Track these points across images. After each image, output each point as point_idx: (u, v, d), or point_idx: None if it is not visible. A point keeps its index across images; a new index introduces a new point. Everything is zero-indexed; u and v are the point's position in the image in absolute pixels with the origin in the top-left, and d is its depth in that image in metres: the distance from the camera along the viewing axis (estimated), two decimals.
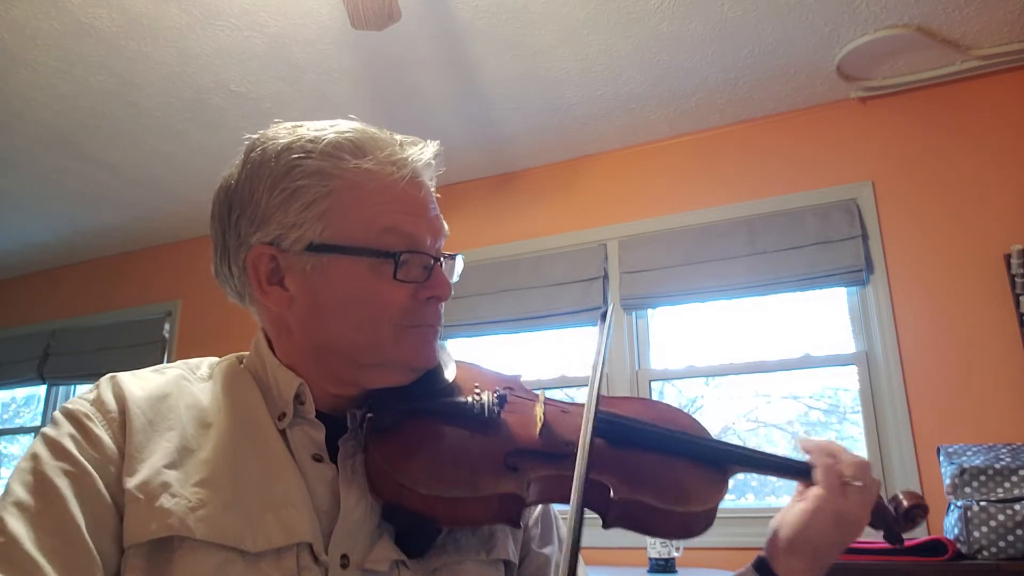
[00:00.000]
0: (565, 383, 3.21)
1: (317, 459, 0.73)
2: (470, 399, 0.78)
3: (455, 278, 0.81)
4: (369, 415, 0.74)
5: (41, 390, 4.55)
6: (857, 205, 2.76)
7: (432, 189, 0.80)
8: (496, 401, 0.78)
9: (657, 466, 0.81)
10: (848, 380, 2.82)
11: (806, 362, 2.83)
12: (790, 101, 2.91)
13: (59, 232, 4.18)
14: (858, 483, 0.80)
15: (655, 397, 3.07)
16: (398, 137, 0.79)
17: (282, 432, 0.73)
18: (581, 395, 3.22)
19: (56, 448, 0.65)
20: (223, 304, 0.79)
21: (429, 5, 2.35)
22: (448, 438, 0.76)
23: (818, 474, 0.81)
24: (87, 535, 0.62)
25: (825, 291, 2.83)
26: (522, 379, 0.90)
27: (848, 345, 2.76)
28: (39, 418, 4.51)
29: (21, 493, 0.62)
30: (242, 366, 0.80)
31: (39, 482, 0.63)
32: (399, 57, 2.62)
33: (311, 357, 0.76)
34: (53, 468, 0.64)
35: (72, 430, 0.67)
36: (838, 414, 2.95)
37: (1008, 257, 2.45)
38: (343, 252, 0.73)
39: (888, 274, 2.66)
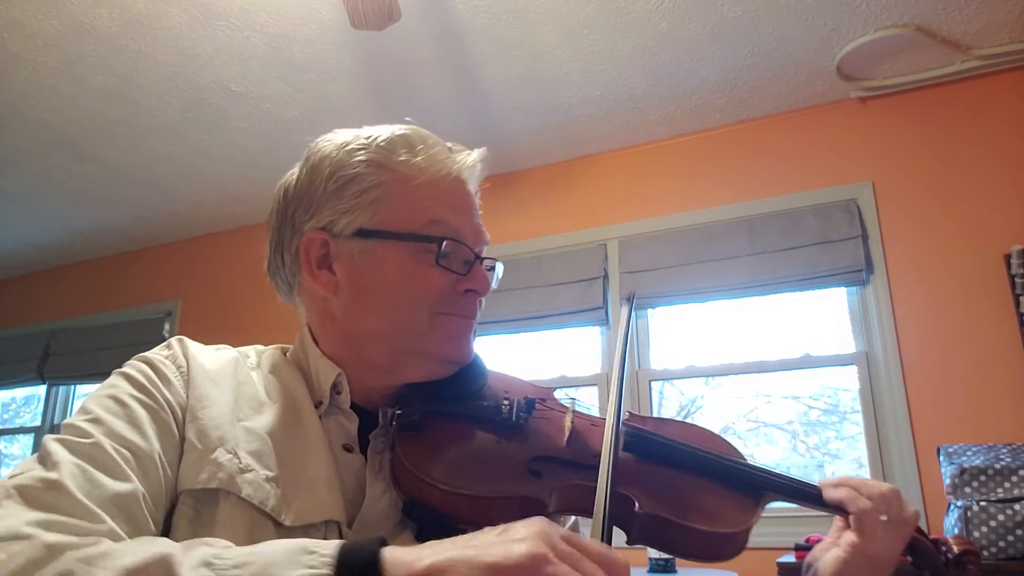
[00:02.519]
0: (565, 383, 3.21)
1: (347, 449, 0.76)
2: (499, 403, 0.78)
3: (494, 284, 0.85)
4: (398, 411, 0.75)
5: (41, 390, 4.55)
6: (857, 205, 2.76)
7: (476, 199, 0.85)
8: (524, 406, 0.78)
9: (686, 484, 0.79)
10: (848, 380, 2.82)
11: (806, 362, 2.83)
12: (790, 101, 2.91)
13: (59, 232, 4.19)
14: (884, 518, 0.79)
15: (655, 397, 3.07)
16: (448, 143, 0.85)
17: (319, 420, 0.77)
18: (590, 394, 3.22)
19: (134, 382, 0.70)
20: (223, 304, 0.80)
21: (429, 5, 2.35)
22: (473, 439, 0.76)
23: (852, 520, 0.79)
24: (158, 462, 0.65)
25: (825, 291, 2.83)
26: (555, 392, 0.90)
27: (848, 345, 2.76)
28: (39, 418, 4.51)
29: (101, 412, 0.65)
30: (287, 357, 0.84)
31: (120, 405, 0.67)
32: (399, 57, 2.62)
33: (352, 345, 0.79)
34: (132, 397, 0.68)
35: (148, 371, 0.71)
36: (838, 414, 2.95)
37: (1008, 257, 2.45)
38: (390, 237, 0.77)
39: (888, 274, 2.66)
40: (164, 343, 0.77)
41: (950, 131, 2.69)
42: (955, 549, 0.83)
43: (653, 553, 2.43)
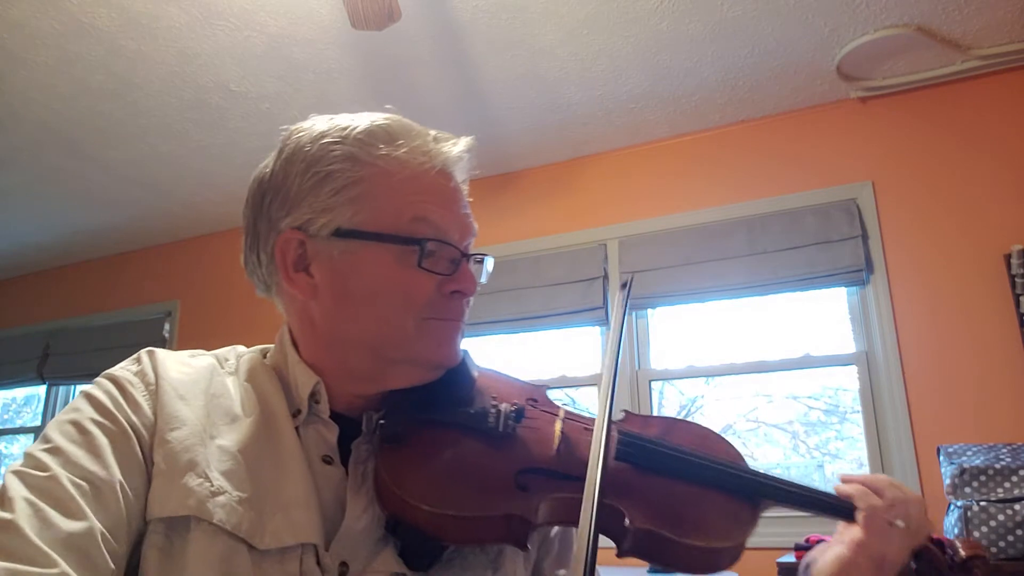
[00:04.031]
0: (565, 383, 3.21)
1: (327, 461, 0.73)
2: (486, 410, 0.75)
3: (484, 279, 0.82)
4: (381, 421, 0.72)
5: (41, 390, 4.55)
6: (857, 205, 2.76)
7: (464, 189, 0.80)
8: (512, 414, 0.75)
9: (681, 496, 0.76)
10: (848, 380, 2.82)
11: (806, 362, 2.83)
12: (790, 101, 2.91)
13: (58, 232, 4.18)
14: (901, 524, 0.74)
15: (655, 397, 3.07)
16: (432, 131, 0.79)
17: (296, 430, 0.73)
18: (591, 395, 3.22)
19: (98, 405, 0.67)
20: (222, 304, 0.80)
21: (429, 5, 2.35)
22: (458, 452, 0.73)
23: (860, 516, 0.75)
24: (119, 492, 0.63)
25: (825, 291, 2.83)
26: (548, 391, 0.87)
27: (848, 345, 2.76)
28: (39, 418, 4.51)
29: (62, 440, 0.63)
30: (265, 360, 0.80)
31: (80, 432, 0.64)
32: (399, 57, 2.62)
33: (333, 351, 0.75)
34: (94, 422, 0.65)
35: (114, 391, 0.69)
36: (838, 414, 2.95)
37: (1008, 257, 2.45)
38: (370, 238, 0.72)
39: (888, 274, 2.66)
40: (133, 356, 0.74)
41: (950, 131, 2.69)
42: (962, 553, 0.79)
43: None
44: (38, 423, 4.50)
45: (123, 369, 0.72)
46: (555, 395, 0.88)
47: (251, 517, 0.65)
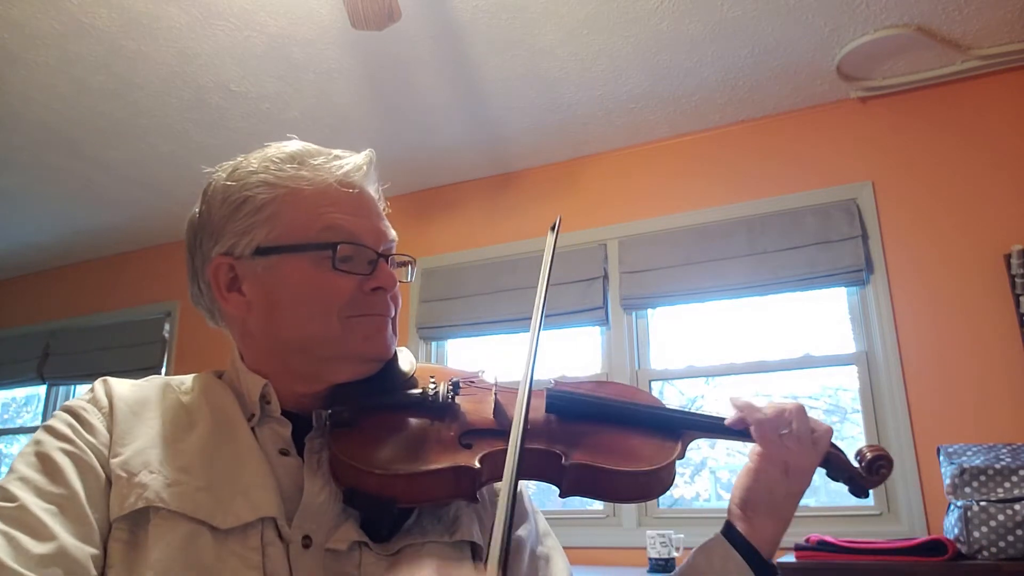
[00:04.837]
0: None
1: (284, 453, 0.78)
2: (426, 389, 0.83)
3: (409, 278, 0.90)
4: (329, 412, 0.78)
5: (41, 390, 4.55)
6: (857, 205, 2.76)
7: (377, 199, 0.87)
8: (451, 387, 0.83)
9: (608, 434, 0.84)
10: (848, 380, 2.82)
11: (806, 362, 2.83)
12: (790, 101, 2.91)
13: (58, 232, 4.18)
14: (786, 430, 0.81)
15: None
16: (335, 151, 0.87)
17: (252, 430, 0.79)
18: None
19: (56, 433, 0.73)
20: None
21: (429, 5, 2.35)
22: (404, 425, 0.80)
23: (752, 431, 0.82)
24: (85, 503, 0.68)
25: (825, 291, 2.83)
26: (484, 374, 0.94)
27: (848, 345, 2.76)
28: (39, 418, 4.51)
29: (26, 470, 0.70)
30: (221, 379, 0.87)
31: (42, 460, 0.70)
32: (399, 57, 2.62)
33: (274, 357, 0.82)
34: (54, 448, 0.72)
35: (70, 419, 0.75)
36: (838, 414, 2.95)
37: (1008, 257, 2.45)
38: (287, 251, 0.80)
39: (888, 274, 2.66)
40: (89, 387, 0.80)
41: (950, 131, 2.69)
42: (868, 455, 0.86)
43: (653, 553, 2.43)
44: (38, 423, 4.50)
45: (78, 400, 0.78)
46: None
47: (210, 501, 0.70)
